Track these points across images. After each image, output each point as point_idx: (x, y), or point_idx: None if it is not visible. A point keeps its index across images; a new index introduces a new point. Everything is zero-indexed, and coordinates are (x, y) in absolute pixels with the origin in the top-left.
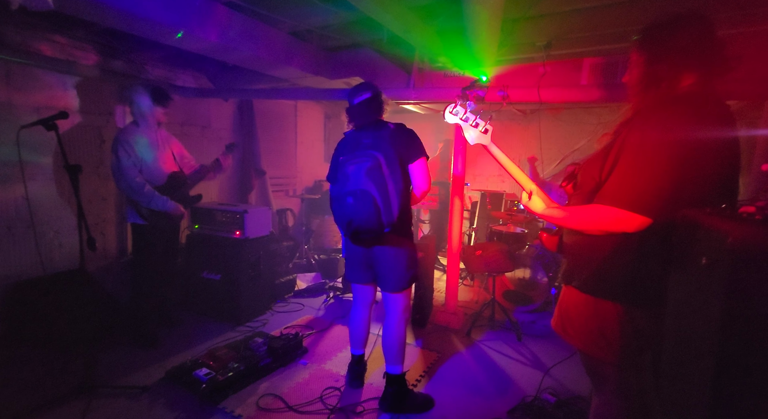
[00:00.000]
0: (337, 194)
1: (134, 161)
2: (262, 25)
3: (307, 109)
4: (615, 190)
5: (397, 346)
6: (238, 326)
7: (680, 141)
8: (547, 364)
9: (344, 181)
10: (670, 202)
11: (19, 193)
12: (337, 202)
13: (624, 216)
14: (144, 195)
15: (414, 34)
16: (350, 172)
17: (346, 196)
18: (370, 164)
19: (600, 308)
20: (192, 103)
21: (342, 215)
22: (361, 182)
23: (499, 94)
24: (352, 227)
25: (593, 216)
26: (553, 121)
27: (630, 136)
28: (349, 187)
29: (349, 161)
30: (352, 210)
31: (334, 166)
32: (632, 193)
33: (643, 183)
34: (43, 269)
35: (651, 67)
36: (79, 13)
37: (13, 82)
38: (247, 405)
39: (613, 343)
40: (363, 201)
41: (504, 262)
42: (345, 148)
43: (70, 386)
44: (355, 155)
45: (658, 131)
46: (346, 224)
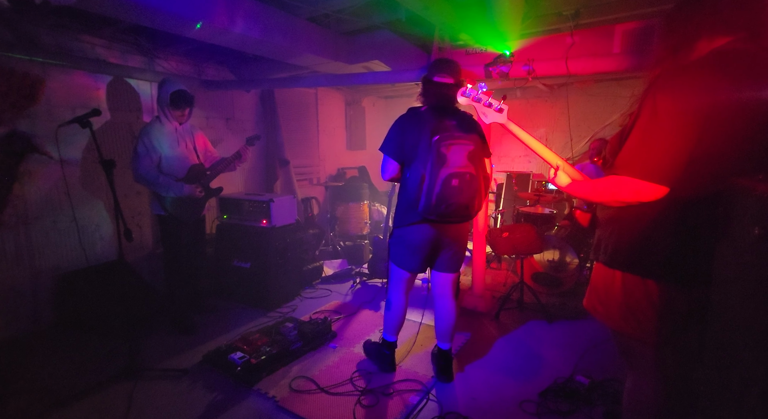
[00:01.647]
0: (430, 174)
1: (151, 154)
2: (279, 12)
3: (328, 96)
4: (628, 159)
5: (454, 324)
6: (268, 312)
7: (698, 103)
8: (579, 347)
9: (438, 161)
10: (694, 170)
11: (61, 189)
12: (431, 182)
13: (637, 185)
14: (159, 184)
15: (433, 11)
16: (449, 153)
17: (451, 178)
18: (472, 147)
19: (628, 283)
20: (215, 95)
21: (440, 196)
22: (466, 164)
23: (524, 69)
24: (448, 209)
25: (609, 187)
26: (582, 95)
27: (643, 103)
28: (452, 168)
29: (445, 141)
30: (454, 192)
31: (404, 142)
32: (645, 161)
33: (656, 149)
34: (87, 260)
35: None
36: (101, 9)
37: (50, 83)
38: (280, 386)
39: (643, 321)
40: (470, 184)
41: (532, 244)
42: (424, 126)
43: (116, 369)
44: (454, 136)
45: (671, 95)
46: (441, 206)
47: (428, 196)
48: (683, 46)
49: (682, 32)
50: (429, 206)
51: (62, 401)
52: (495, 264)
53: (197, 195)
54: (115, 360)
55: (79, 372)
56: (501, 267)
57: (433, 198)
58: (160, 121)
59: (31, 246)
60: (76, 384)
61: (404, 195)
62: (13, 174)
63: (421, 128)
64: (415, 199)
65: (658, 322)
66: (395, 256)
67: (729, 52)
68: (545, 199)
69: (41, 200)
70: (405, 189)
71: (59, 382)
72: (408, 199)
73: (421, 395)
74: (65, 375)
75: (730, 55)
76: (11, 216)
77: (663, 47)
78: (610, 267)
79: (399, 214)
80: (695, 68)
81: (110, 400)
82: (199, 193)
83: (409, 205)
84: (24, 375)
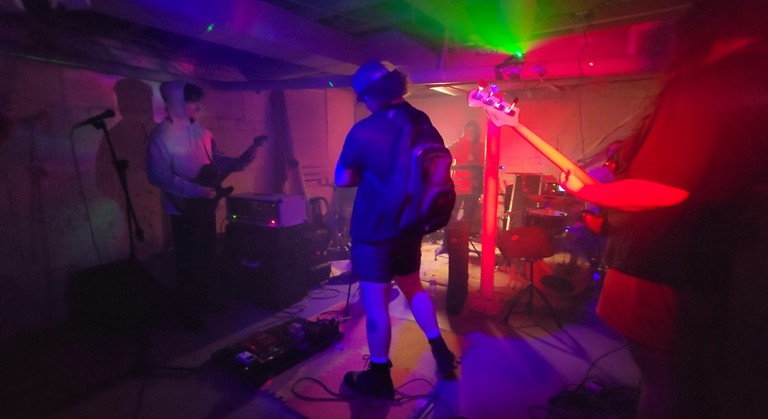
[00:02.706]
0: (416, 192)
1: (165, 156)
2: (289, 14)
3: (337, 97)
4: (645, 162)
5: (433, 312)
6: (276, 312)
7: (716, 106)
8: (590, 353)
9: (423, 179)
10: (714, 174)
11: (75, 188)
12: (417, 201)
13: (656, 189)
14: (174, 186)
15: (444, 12)
16: (432, 169)
17: (438, 197)
18: (449, 160)
19: (644, 290)
20: (227, 96)
21: (426, 215)
22: (447, 179)
23: (535, 70)
24: (432, 226)
25: (625, 192)
26: (595, 97)
27: (660, 105)
28: (438, 187)
29: (427, 155)
30: (440, 210)
31: (366, 150)
32: (663, 164)
33: (675, 152)
34: (99, 258)
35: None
36: (115, 12)
37: (66, 85)
38: (288, 387)
39: (659, 329)
40: (452, 200)
41: (542, 247)
42: (398, 133)
43: (127, 366)
44: (434, 149)
45: (690, 97)
46: (425, 224)
47: (412, 214)
48: (700, 49)
49: (699, 34)
50: (411, 224)
51: (74, 397)
52: (503, 266)
53: (210, 195)
54: (126, 357)
55: (91, 369)
56: (510, 270)
57: (417, 216)
58: (171, 121)
59: (47, 244)
60: (88, 380)
61: (375, 207)
62: None
63: (396, 135)
64: (394, 215)
65: (675, 330)
66: (367, 272)
67: (747, 54)
68: (555, 201)
69: (56, 199)
70: (376, 201)
71: (72, 378)
72: (383, 213)
73: (429, 399)
74: (78, 371)
75: (749, 58)
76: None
77: (679, 49)
78: (625, 274)
79: (367, 227)
80: (714, 71)
81: (120, 397)
82: (213, 194)
83: (383, 219)
84: (39, 371)
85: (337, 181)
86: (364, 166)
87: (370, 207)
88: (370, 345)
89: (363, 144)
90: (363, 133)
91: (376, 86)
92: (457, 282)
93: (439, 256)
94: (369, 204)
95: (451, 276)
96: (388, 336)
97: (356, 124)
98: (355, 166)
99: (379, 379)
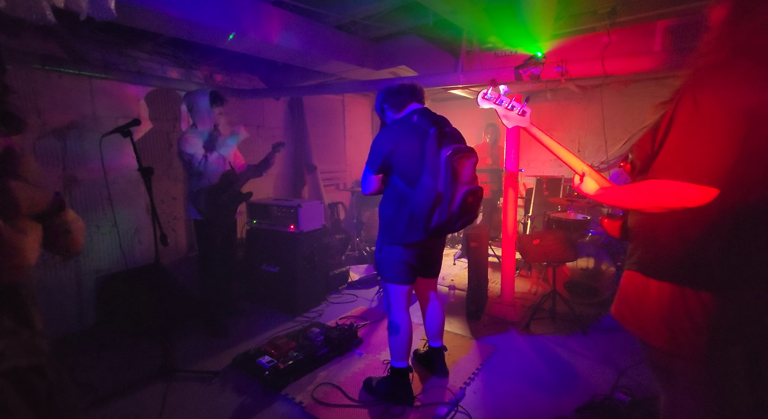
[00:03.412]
0: (446, 191)
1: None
2: (307, 20)
3: (354, 102)
4: (669, 161)
5: (443, 324)
6: (295, 316)
7: (742, 100)
8: (618, 360)
9: (453, 178)
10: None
11: (104, 195)
12: (448, 200)
13: (683, 188)
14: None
15: (461, 14)
16: (460, 168)
17: (468, 195)
18: (475, 159)
19: (664, 293)
20: (247, 104)
21: (457, 214)
22: (474, 178)
23: (556, 70)
24: (463, 224)
25: (649, 192)
26: (618, 96)
27: (680, 102)
28: (467, 185)
29: (455, 155)
30: (470, 209)
31: (394, 155)
32: (689, 162)
33: (701, 149)
34: (126, 263)
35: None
36: (140, 23)
37: (95, 95)
38: (307, 392)
39: (678, 334)
40: (480, 198)
41: (565, 251)
42: (425, 136)
43: (152, 369)
44: (461, 150)
45: (713, 91)
46: (456, 223)
47: (444, 213)
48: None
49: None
50: (442, 223)
51: (103, 398)
52: (524, 271)
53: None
54: (151, 360)
55: (118, 371)
56: (531, 275)
57: (448, 215)
58: (197, 128)
59: None
60: (116, 382)
61: (405, 209)
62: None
63: (422, 139)
64: (425, 216)
65: (695, 336)
66: (393, 274)
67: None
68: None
69: (86, 205)
70: (405, 203)
71: (101, 380)
72: (413, 215)
73: (450, 406)
74: (106, 374)
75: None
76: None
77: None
78: (646, 276)
79: (398, 230)
80: (737, 64)
81: (146, 399)
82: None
83: (414, 221)
84: (70, 373)
85: (364, 190)
86: (390, 170)
87: (399, 210)
88: (392, 348)
89: (391, 148)
90: (390, 138)
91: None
92: (477, 287)
93: (457, 261)
94: (398, 207)
95: (470, 281)
96: (410, 340)
97: (382, 130)
98: (383, 171)
99: (399, 385)
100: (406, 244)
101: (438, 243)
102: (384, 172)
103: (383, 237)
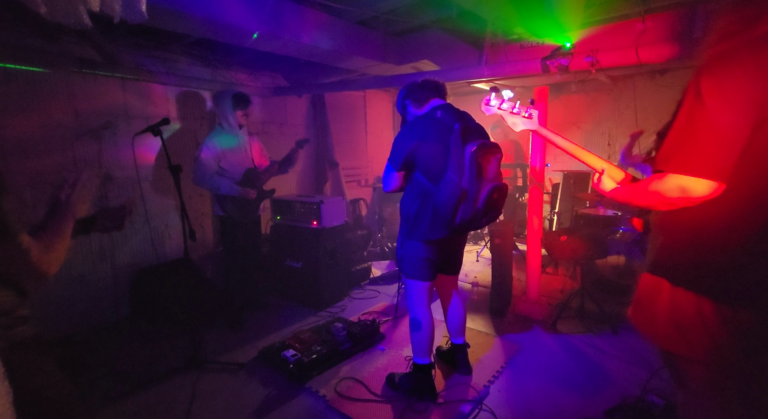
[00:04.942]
0: (471, 187)
1: (212, 158)
2: (330, 17)
3: (375, 98)
4: (670, 152)
5: (465, 320)
6: (318, 311)
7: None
8: (651, 361)
9: (478, 174)
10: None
11: (136, 192)
12: (473, 196)
13: (682, 181)
14: (213, 184)
15: (485, 5)
16: (486, 164)
17: (493, 191)
18: (500, 155)
19: (677, 295)
20: (270, 102)
21: (482, 210)
22: (499, 174)
23: (586, 61)
24: (488, 221)
25: (651, 188)
26: (651, 86)
27: (687, 89)
28: (492, 181)
29: (481, 150)
30: (495, 205)
31: (417, 152)
32: (688, 152)
33: (701, 138)
34: (157, 258)
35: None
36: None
37: (128, 96)
38: (330, 386)
39: (691, 338)
40: (505, 194)
41: (593, 248)
42: (449, 132)
43: (182, 360)
44: (486, 146)
45: (716, 78)
46: (481, 219)
47: (468, 210)
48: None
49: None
50: (466, 220)
51: (137, 386)
52: (550, 268)
53: (250, 196)
54: (181, 351)
55: (152, 361)
56: (557, 273)
57: (473, 212)
58: (222, 126)
59: (113, 245)
60: (148, 371)
61: (428, 206)
62: None
63: (446, 134)
64: (449, 212)
65: (714, 341)
66: (415, 271)
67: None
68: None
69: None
70: (429, 200)
71: (135, 369)
72: (438, 212)
73: (474, 404)
74: (140, 363)
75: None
76: None
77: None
78: (655, 275)
79: (421, 226)
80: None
81: (177, 388)
82: (252, 195)
83: (438, 218)
84: (107, 360)
85: (385, 187)
86: (413, 167)
87: (423, 206)
88: (414, 344)
89: (414, 145)
90: (413, 134)
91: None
92: (501, 285)
93: (481, 257)
94: (422, 203)
95: (494, 278)
96: (432, 336)
97: (404, 126)
98: (405, 167)
99: (422, 381)
100: (429, 241)
101: (460, 239)
102: (406, 168)
103: (405, 234)
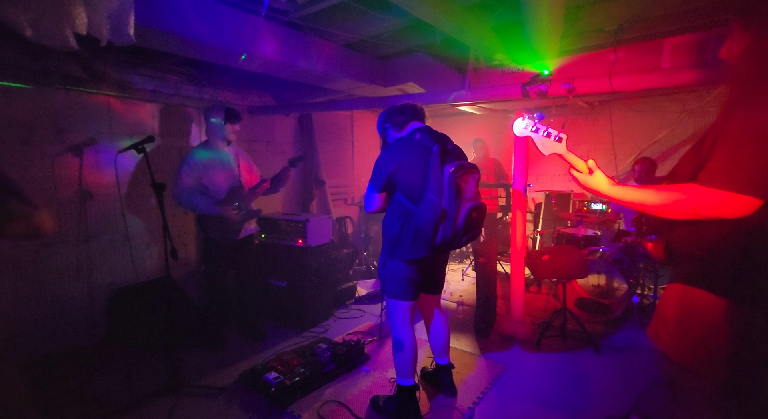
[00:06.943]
0: (450, 207)
1: (194, 175)
2: (318, 40)
3: (363, 118)
4: (714, 169)
5: (448, 340)
6: (302, 331)
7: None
8: (633, 381)
9: (457, 194)
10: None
11: (117, 210)
12: (453, 216)
13: (723, 197)
14: (190, 204)
15: (468, 33)
16: (464, 184)
17: (472, 211)
18: (478, 175)
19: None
20: (257, 120)
21: (462, 229)
22: (477, 193)
23: (564, 87)
24: (468, 240)
25: (686, 197)
26: (627, 111)
27: (730, 114)
28: (470, 201)
29: (459, 171)
30: (474, 224)
31: (397, 174)
32: (734, 171)
33: (747, 159)
34: (137, 276)
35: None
36: (157, 45)
37: (113, 114)
38: (313, 410)
39: (717, 356)
40: (484, 213)
41: (575, 267)
42: (428, 154)
43: (159, 384)
44: (464, 166)
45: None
46: (461, 238)
47: (449, 229)
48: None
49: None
50: (447, 238)
51: (111, 413)
52: (534, 287)
53: (230, 215)
54: (159, 374)
55: (127, 386)
56: (541, 292)
57: (453, 231)
58: (207, 143)
59: (90, 263)
60: (124, 397)
61: (410, 226)
62: None
63: (425, 155)
64: (430, 232)
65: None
66: (397, 290)
67: None
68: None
69: (100, 220)
70: (410, 220)
71: (109, 395)
72: (418, 231)
73: None
74: (115, 388)
75: None
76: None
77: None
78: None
79: (403, 247)
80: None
81: (153, 414)
82: (231, 213)
83: (419, 238)
84: (79, 386)
85: (367, 208)
86: (394, 188)
87: (405, 226)
88: (397, 366)
89: (395, 166)
90: (394, 157)
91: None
92: (486, 304)
93: (466, 276)
94: (404, 224)
95: (479, 298)
96: (415, 357)
97: (385, 148)
98: (386, 189)
99: (406, 403)
100: (411, 260)
101: (441, 259)
102: (388, 190)
103: (387, 253)
